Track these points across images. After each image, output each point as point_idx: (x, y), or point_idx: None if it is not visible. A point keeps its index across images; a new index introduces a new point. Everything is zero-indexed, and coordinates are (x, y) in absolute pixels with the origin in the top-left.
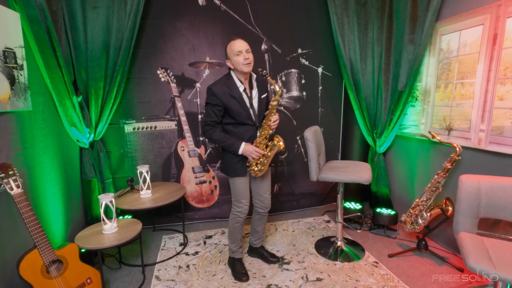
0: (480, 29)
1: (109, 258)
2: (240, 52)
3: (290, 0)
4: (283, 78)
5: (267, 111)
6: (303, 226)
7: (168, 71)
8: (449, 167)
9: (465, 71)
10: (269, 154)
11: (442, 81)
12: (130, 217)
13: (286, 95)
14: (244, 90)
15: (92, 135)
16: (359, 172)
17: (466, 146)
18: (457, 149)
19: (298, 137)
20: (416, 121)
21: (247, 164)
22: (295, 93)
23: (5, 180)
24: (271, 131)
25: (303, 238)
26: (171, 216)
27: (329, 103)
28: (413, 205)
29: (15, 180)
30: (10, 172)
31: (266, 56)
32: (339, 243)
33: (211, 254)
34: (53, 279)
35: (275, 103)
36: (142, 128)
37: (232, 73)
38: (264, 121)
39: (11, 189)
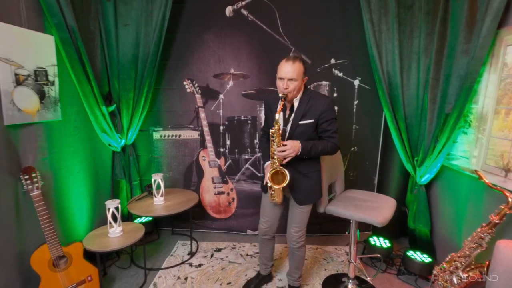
0: None
1: (124, 255)
2: (281, 78)
3: (322, 6)
4: None
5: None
6: (319, 255)
7: (194, 82)
8: (497, 221)
9: None
10: (275, 186)
11: (503, 105)
12: (151, 218)
13: None
14: (283, 109)
15: (124, 140)
16: (375, 210)
17: None
18: (510, 199)
19: None
20: (467, 152)
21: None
22: None
23: (28, 182)
24: (277, 161)
25: (313, 269)
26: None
27: (366, 120)
28: (448, 258)
29: (35, 182)
30: (33, 175)
31: None
32: (349, 286)
33: (213, 269)
34: (57, 272)
35: (273, 131)
36: (168, 136)
37: None
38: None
39: (32, 190)
